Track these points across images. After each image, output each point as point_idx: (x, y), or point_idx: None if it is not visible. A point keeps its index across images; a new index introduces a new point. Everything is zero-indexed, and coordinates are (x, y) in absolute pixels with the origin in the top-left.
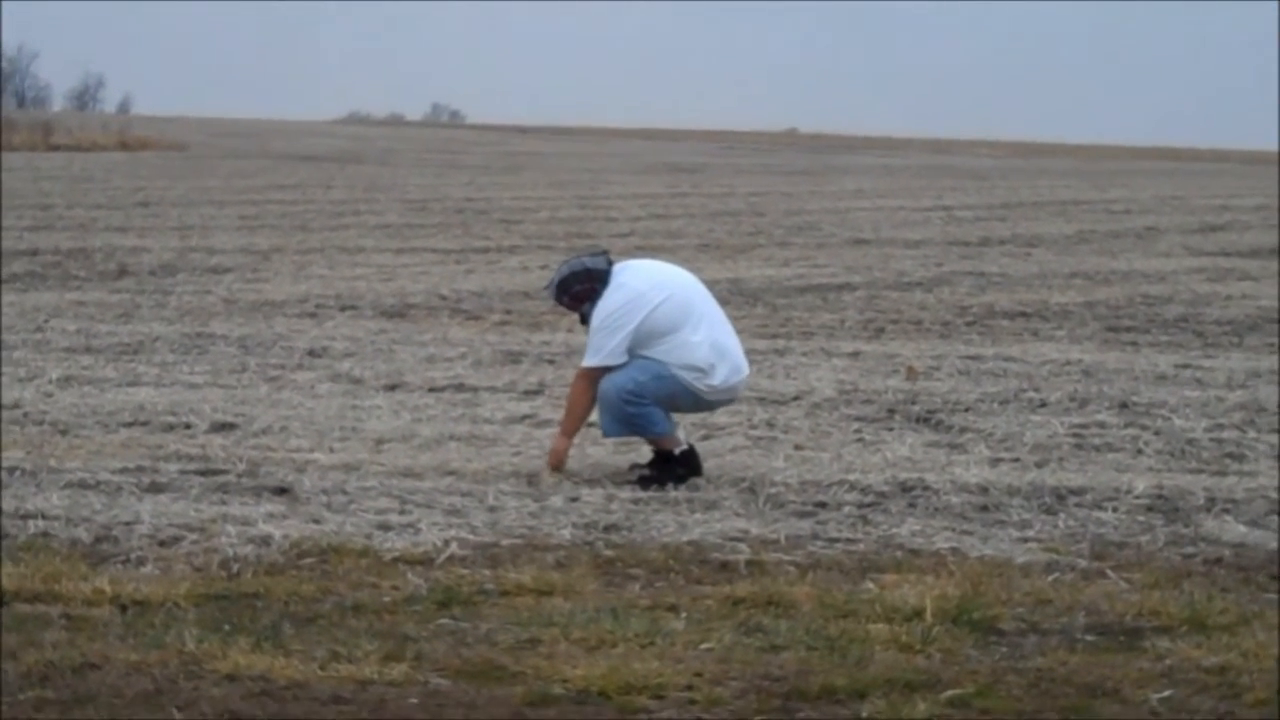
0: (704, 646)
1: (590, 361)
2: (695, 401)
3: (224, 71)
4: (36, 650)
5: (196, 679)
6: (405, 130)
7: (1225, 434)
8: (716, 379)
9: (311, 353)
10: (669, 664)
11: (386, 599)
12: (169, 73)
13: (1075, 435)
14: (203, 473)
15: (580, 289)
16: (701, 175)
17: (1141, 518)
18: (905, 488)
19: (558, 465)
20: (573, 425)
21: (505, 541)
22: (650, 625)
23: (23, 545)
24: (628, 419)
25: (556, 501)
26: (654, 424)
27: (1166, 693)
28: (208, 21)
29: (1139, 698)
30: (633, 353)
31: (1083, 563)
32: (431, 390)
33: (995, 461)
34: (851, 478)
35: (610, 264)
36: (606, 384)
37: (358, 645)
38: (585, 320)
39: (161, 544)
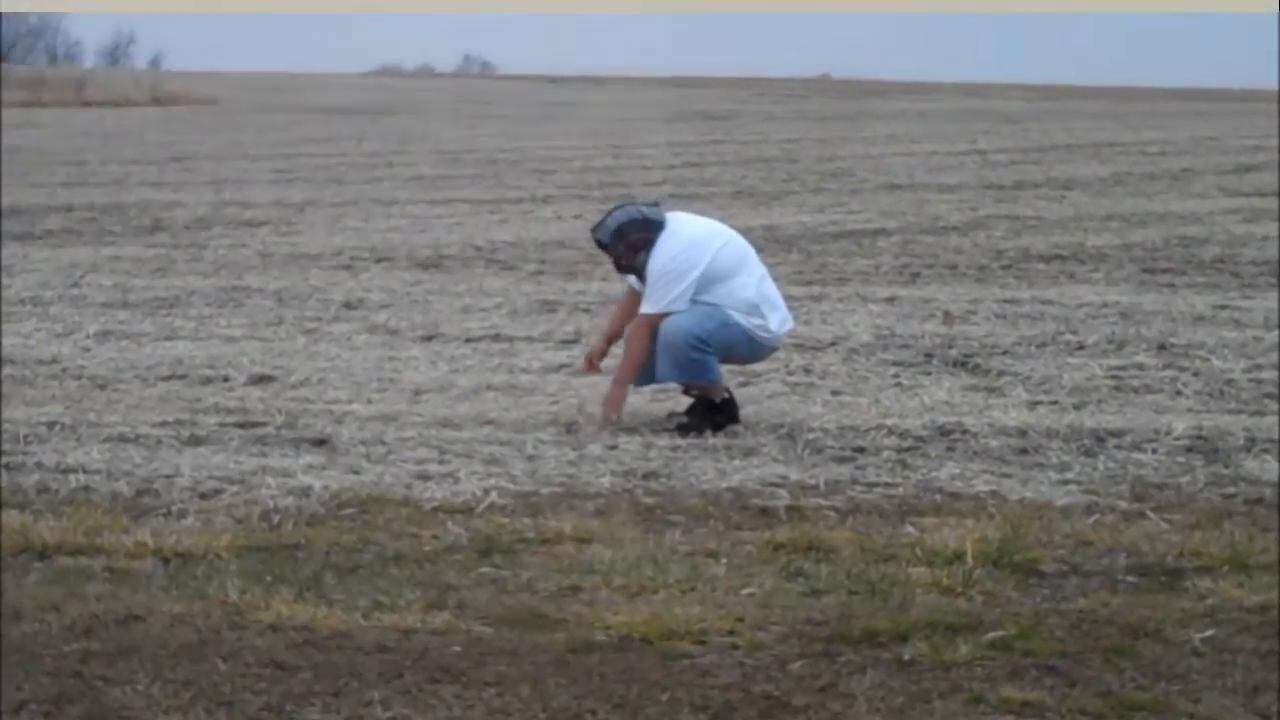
0: (745, 592)
1: (653, 309)
2: (749, 350)
3: (254, 26)
4: (80, 603)
5: (240, 629)
6: (436, 82)
7: (1264, 374)
8: (773, 324)
9: (347, 305)
10: (710, 609)
11: (427, 548)
12: (199, 28)
13: (1113, 377)
14: (241, 425)
15: (638, 238)
16: (734, 122)
17: (1181, 459)
18: (944, 431)
19: (613, 413)
20: (629, 373)
21: (544, 490)
22: (691, 571)
23: (64, 499)
24: (689, 364)
25: (595, 450)
26: (710, 371)
27: (1209, 632)
28: None
29: (1181, 638)
30: (693, 298)
31: (1123, 504)
32: (468, 340)
33: (1033, 404)
34: (890, 422)
35: (664, 213)
36: (671, 329)
37: (400, 594)
38: (636, 270)
39: (202, 496)
